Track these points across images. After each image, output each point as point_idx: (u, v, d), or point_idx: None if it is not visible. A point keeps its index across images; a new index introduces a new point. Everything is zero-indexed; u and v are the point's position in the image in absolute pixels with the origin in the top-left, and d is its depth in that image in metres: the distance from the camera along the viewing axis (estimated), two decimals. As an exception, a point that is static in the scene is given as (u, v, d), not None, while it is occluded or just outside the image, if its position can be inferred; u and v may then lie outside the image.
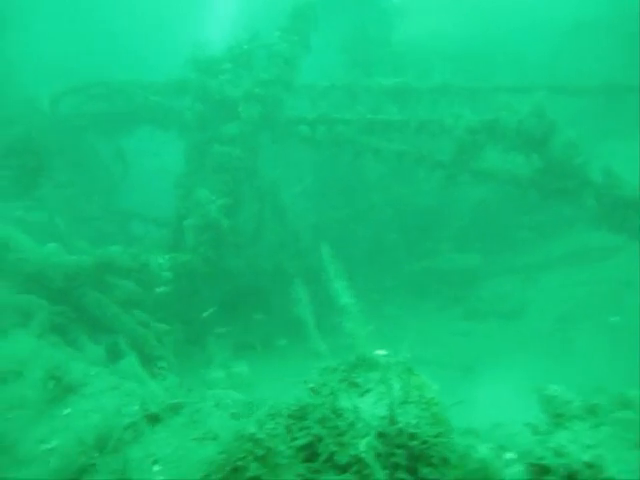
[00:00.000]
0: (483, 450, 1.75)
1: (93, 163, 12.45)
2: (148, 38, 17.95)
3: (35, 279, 7.01)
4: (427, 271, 11.62)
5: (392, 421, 1.92)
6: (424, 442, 1.81)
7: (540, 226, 12.56)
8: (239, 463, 1.85)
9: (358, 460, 1.87)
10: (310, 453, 1.98)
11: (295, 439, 2.01)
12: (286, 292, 10.06)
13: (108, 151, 12.67)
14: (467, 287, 11.12)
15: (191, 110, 9.43)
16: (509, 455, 1.75)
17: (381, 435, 1.90)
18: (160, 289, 8.27)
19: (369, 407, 2.06)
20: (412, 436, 1.84)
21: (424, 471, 1.79)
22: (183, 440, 3.65)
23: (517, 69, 13.67)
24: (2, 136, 10.50)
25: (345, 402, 2.07)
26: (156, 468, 3.44)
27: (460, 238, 12.36)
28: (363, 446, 1.89)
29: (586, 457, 1.75)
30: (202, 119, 9.31)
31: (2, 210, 10.39)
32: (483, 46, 14.46)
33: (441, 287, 11.13)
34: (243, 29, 9.95)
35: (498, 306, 10.34)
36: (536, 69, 13.43)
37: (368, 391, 2.17)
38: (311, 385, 2.25)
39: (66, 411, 4.50)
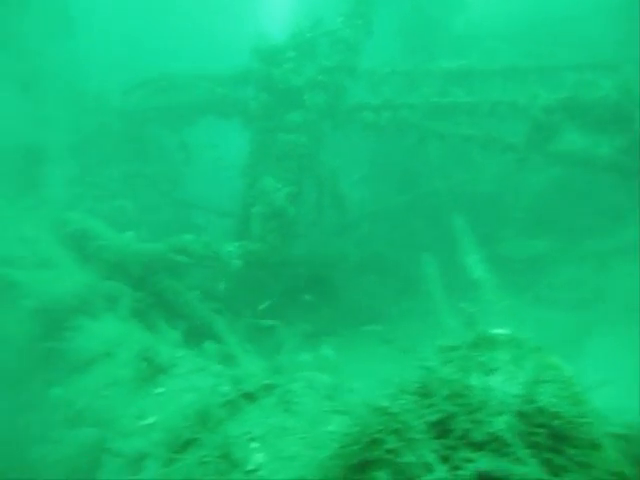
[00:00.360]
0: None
1: (158, 154, 12.88)
2: (210, 29, 18.31)
3: (116, 266, 7.35)
4: (492, 258, 11.30)
5: (530, 400, 1.88)
6: (569, 422, 1.76)
7: (612, 211, 11.97)
8: (377, 436, 1.86)
9: (495, 438, 1.85)
10: (441, 430, 1.97)
11: (424, 415, 2.00)
12: (349, 280, 10.07)
13: (172, 143, 13.04)
14: (535, 274, 10.78)
15: (256, 100, 9.56)
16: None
17: (519, 414, 1.87)
18: (222, 285, 8.45)
19: (499, 385, 2.03)
20: (555, 415, 1.79)
21: (570, 452, 1.74)
22: (276, 419, 3.74)
23: (584, 46, 13.02)
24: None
25: (474, 379, 2.04)
26: (254, 445, 3.54)
27: (525, 224, 11.98)
28: (501, 424, 1.86)
29: None
30: (267, 108, 9.42)
31: (71, 200, 10.90)
32: (547, 24, 13.86)
33: (507, 274, 10.80)
34: (305, 17, 9.95)
35: (569, 293, 9.97)
36: (603, 46, 12.74)
37: (495, 370, 2.14)
38: (432, 363, 2.24)
39: (158, 390, 4.71)
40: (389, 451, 1.85)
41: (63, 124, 11.99)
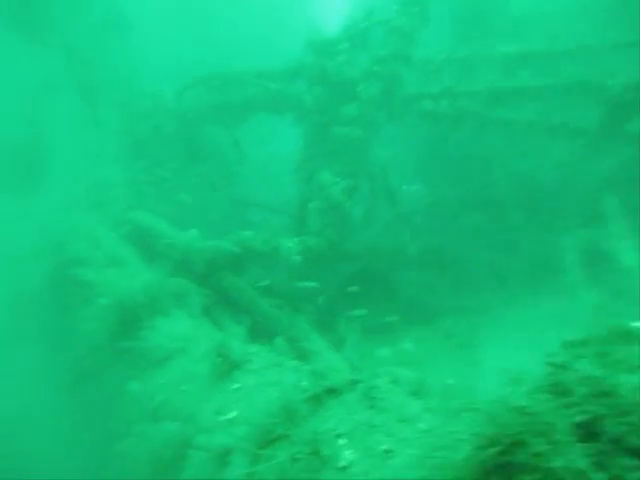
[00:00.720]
0: None
1: (212, 152, 13.01)
2: (260, 25, 18.37)
3: (180, 264, 7.43)
4: (557, 250, 10.81)
5: (694, 400, 1.68)
6: None
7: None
8: (519, 437, 1.71)
9: (656, 443, 1.66)
10: (586, 432, 1.80)
11: (565, 416, 1.83)
12: (407, 274, 9.76)
13: (226, 140, 13.12)
14: (600, 264, 10.18)
15: (310, 94, 9.47)
16: None
17: (683, 416, 1.67)
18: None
19: (649, 384, 1.83)
20: None
21: None
22: (362, 415, 3.63)
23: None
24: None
25: (621, 377, 1.85)
26: (341, 442, 3.45)
27: (591, 214, 11.36)
28: (662, 427, 1.67)
29: None
30: (321, 102, 9.32)
31: (132, 199, 11.11)
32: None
33: (575, 266, 10.29)
34: (356, 7, 9.78)
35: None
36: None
37: (638, 367, 1.94)
38: (562, 359, 2.07)
39: (235, 385, 4.70)
40: (535, 455, 1.70)
41: (119, 125, 12.29)
